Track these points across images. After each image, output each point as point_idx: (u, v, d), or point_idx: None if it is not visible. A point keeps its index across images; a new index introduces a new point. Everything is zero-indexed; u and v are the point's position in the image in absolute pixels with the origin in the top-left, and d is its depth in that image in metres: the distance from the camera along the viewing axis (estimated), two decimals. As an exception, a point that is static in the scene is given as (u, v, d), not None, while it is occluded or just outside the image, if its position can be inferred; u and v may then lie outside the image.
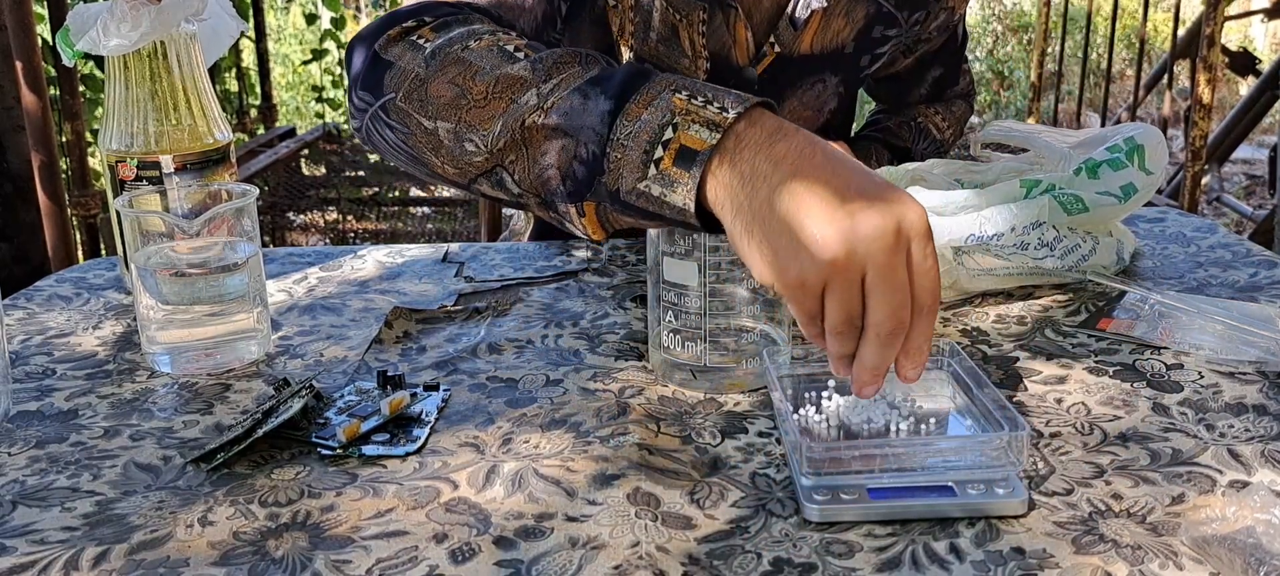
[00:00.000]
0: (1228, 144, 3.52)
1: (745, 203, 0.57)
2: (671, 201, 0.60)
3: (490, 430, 0.63)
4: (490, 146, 0.66)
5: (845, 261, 0.53)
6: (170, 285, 0.72)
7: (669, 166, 0.59)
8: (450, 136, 0.68)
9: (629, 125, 0.61)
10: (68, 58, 0.83)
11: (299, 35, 6.02)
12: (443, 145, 0.69)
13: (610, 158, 0.61)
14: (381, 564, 0.50)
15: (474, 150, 0.67)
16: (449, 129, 0.67)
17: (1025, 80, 5.93)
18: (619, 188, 0.61)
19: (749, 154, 0.58)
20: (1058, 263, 0.81)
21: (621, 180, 0.61)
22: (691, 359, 0.67)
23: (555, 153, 0.64)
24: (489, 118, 0.66)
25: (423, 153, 0.70)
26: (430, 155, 0.70)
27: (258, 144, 3.13)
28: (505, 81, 0.66)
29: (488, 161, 0.67)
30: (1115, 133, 0.86)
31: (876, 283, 0.54)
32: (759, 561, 0.50)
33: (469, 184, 0.71)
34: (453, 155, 0.68)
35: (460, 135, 0.67)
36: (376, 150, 0.76)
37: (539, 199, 0.67)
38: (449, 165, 0.69)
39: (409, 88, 0.70)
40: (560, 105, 0.63)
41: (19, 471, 0.59)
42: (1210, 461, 0.58)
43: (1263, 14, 3.55)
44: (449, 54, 0.69)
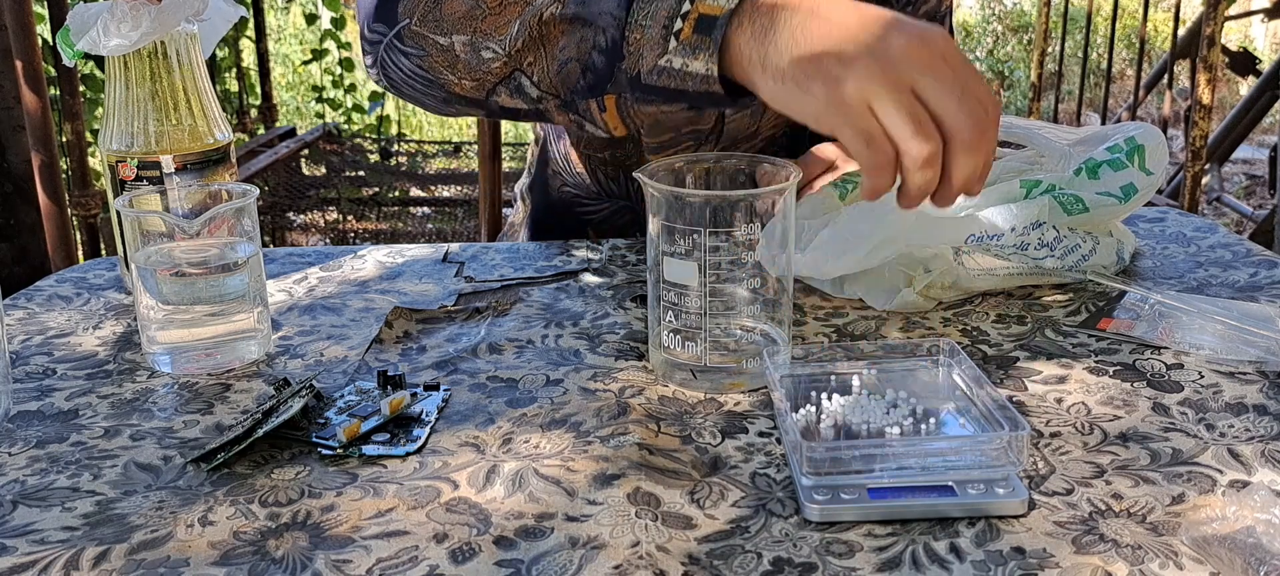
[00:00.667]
0: (1228, 144, 3.52)
1: (772, 49, 0.57)
2: (694, 71, 0.60)
3: (490, 430, 0.63)
4: (509, 49, 0.67)
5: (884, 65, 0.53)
6: (170, 285, 0.72)
7: (689, 35, 0.60)
8: (467, 48, 0.69)
9: (646, 6, 0.62)
10: (68, 58, 0.83)
11: (299, 35, 6.02)
12: (459, 59, 0.70)
13: (630, 40, 0.62)
14: (382, 564, 0.50)
15: (491, 57, 0.68)
16: (465, 41, 0.69)
17: (1025, 80, 5.93)
18: (639, 70, 0.63)
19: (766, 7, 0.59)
20: (1058, 263, 0.81)
21: (642, 60, 0.62)
22: (691, 359, 0.67)
23: (574, 44, 0.65)
24: (505, 23, 0.67)
25: (439, 71, 0.71)
26: (447, 72, 0.71)
27: (258, 144, 3.13)
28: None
29: (506, 66, 0.68)
30: (1115, 132, 0.85)
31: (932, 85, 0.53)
32: (759, 561, 0.50)
33: (487, 97, 0.71)
34: (470, 67, 0.69)
35: (477, 45, 0.68)
36: (391, 85, 0.77)
37: (558, 98, 0.68)
38: (466, 78, 0.70)
39: (423, 10, 0.70)
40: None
41: (19, 471, 0.59)
42: (1210, 461, 0.58)
43: (1263, 14, 3.55)
44: None
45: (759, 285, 0.67)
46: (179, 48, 0.82)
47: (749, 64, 0.59)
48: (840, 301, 0.83)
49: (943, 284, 0.80)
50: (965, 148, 0.54)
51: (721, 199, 0.66)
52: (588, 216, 1.11)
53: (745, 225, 0.64)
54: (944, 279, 0.80)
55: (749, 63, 0.59)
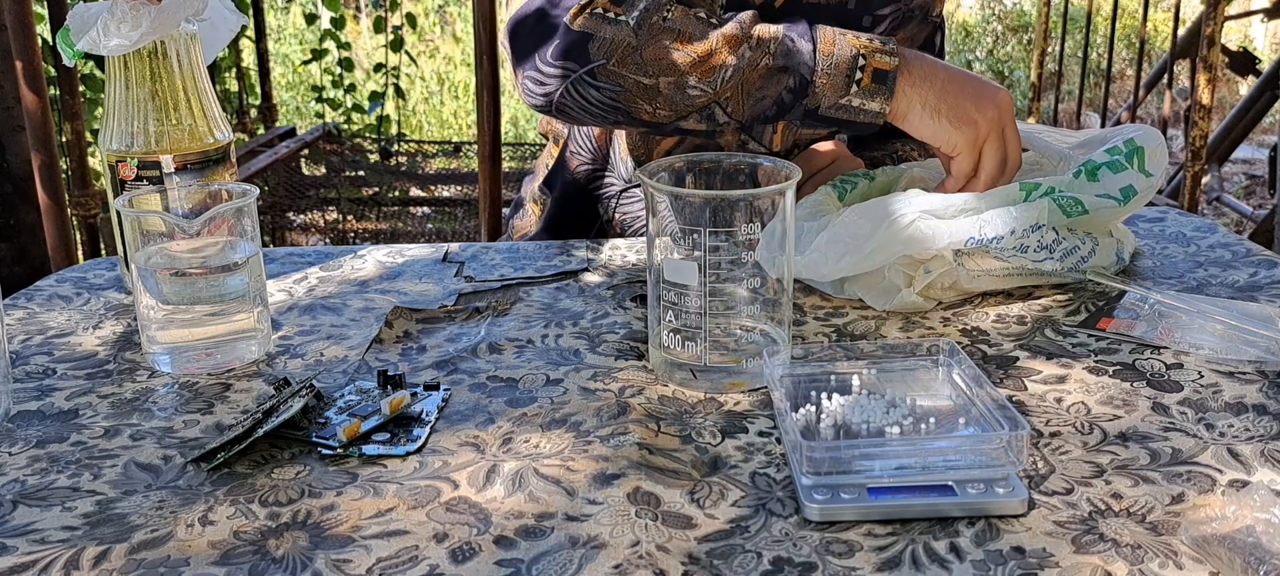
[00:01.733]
0: (1228, 144, 3.52)
1: (930, 96, 0.85)
2: (869, 108, 0.85)
3: (490, 430, 0.63)
4: (716, 88, 0.85)
5: (998, 119, 0.85)
6: (170, 285, 0.72)
7: (868, 84, 0.84)
8: (672, 87, 0.85)
9: (828, 60, 0.84)
10: (68, 58, 0.83)
11: (299, 35, 6.01)
12: (661, 94, 0.86)
13: (817, 84, 0.84)
14: (382, 563, 0.50)
15: (697, 94, 0.85)
16: (671, 82, 0.85)
17: (1025, 80, 5.93)
18: (820, 105, 0.85)
19: (914, 67, 0.85)
20: (1057, 265, 0.81)
21: (824, 98, 0.85)
22: (691, 359, 0.67)
23: (773, 86, 0.85)
24: (713, 68, 0.84)
25: (634, 103, 0.87)
26: (643, 103, 0.87)
27: (258, 144, 3.13)
28: (724, 40, 0.84)
29: (708, 100, 0.86)
30: (1115, 134, 0.85)
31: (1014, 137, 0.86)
32: (759, 561, 0.50)
33: (677, 120, 0.88)
34: (671, 100, 0.86)
35: (684, 84, 0.85)
36: (563, 110, 0.91)
37: (740, 124, 0.88)
38: (664, 109, 0.87)
39: (623, 54, 0.85)
40: (781, 50, 0.84)
41: (19, 471, 0.59)
42: (1210, 461, 0.58)
43: (1263, 14, 3.55)
44: (653, 24, 0.85)
45: (759, 285, 0.67)
46: (179, 48, 0.82)
47: (908, 104, 0.85)
48: (840, 301, 0.83)
49: (942, 284, 0.80)
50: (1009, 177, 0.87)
51: (721, 199, 0.66)
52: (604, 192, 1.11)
53: (745, 225, 0.64)
54: (944, 280, 0.80)
55: (908, 104, 0.85)
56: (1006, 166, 0.86)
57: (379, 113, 3.65)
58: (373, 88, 3.63)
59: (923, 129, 0.85)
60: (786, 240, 0.66)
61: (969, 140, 0.84)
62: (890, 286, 0.80)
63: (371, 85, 3.77)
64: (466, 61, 6.05)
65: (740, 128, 0.90)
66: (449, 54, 6.33)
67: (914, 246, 0.77)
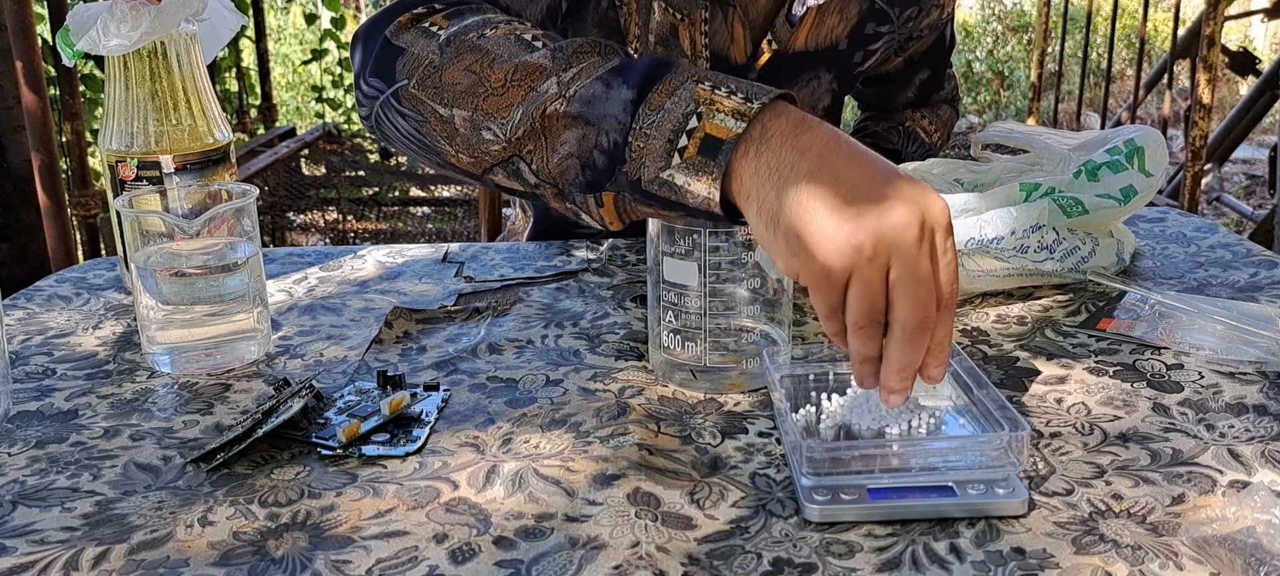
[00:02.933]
0: (1228, 144, 3.52)
1: (771, 193, 0.56)
2: (695, 190, 0.59)
3: (490, 430, 0.63)
4: (509, 135, 0.65)
5: (871, 251, 0.53)
6: (170, 285, 0.72)
7: (693, 155, 0.59)
8: (467, 125, 0.67)
9: (651, 115, 0.60)
10: (68, 58, 0.83)
11: (299, 35, 6.01)
12: (458, 133, 0.68)
13: (632, 146, 0.61)
14: (381, 564, 0.50)
15: (491, 138, 0.66)
16: (465, 117, 0.67)
17: (1025, 80, 5.93)
18: (640, 177, 0.61)
19: (775, 144, 0.57)
20: (1057, 265, 0.81)
21: (644, 169, 0.61)
22: (691, 359, 0.67)
23: (575, 141, 0.63)
24: (507, 106, 0.65)
25: (437, 141, 0.69)
26: (444, 143, 0.69)
27: (258, 144, 3.13)
28: (524, 69, 0.65)
29: (505, 150, 0.66)
30: (1115, 135, 0.85)
31: (903, 276, 0.53)
32: (759, 561, 0.50)
33: (484, 174, 0.70)
34: (469, 143, 0.68)
35: (477, 123, 0.66)
36: (386, 140, 0.75)
37: (556, 189, 0.66)
38: (464, 154, 0.69)
39: (423, 74, 0.69)
40: (582, 93, 0.63)
41: (19, 471, 0.59)
42: (1210, 461, 0.58)
43: (1263, 14, 3.55)
44: (464, 41, 0.68)
45: (759, 285, 0.67)
46: (179, 48, 0.82)
47: (744, 196, 0.58)
48: (840, 301, 0.83)
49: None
50: (904, 342, 0.54)
51: (721, 199, 0.65)
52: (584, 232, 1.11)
53: (745, 226, 0.64)
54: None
55: (744, 195, 0.58)
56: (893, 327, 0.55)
57: (379, 113, 3.64)
58: (373, 88, 3.62)
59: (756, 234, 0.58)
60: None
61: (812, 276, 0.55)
62: (890, 286, 0.80)
63: (371, 85, 3.76)
64: (466, 61, 6.03)
65: (558, 194, 0.67)
66: (449, 54, 6.32)
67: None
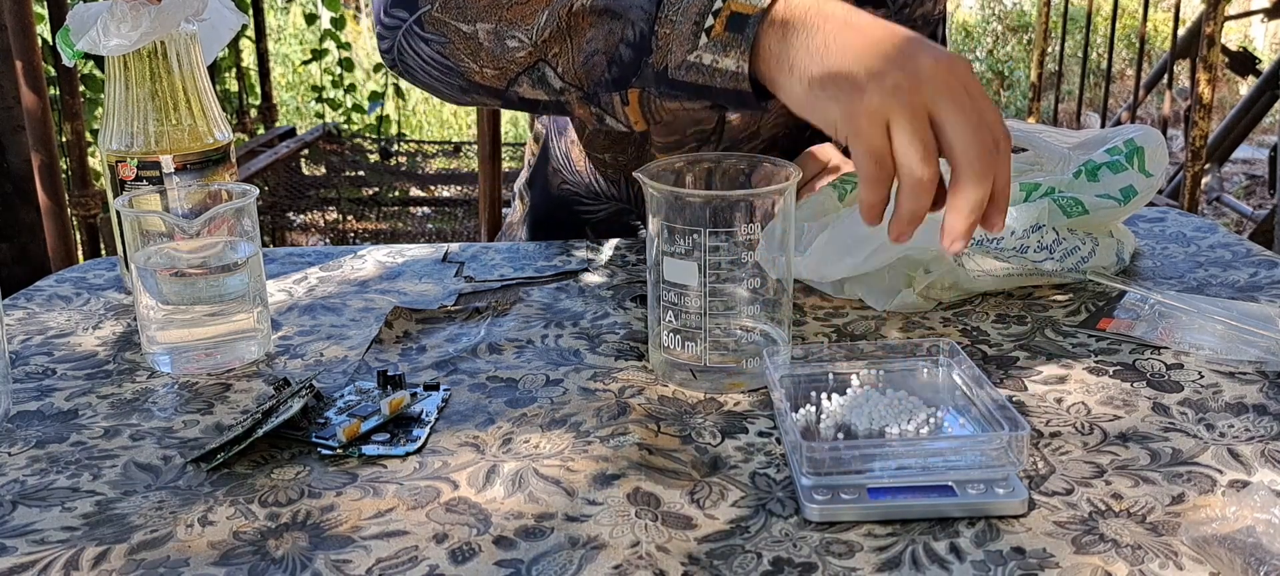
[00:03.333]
0: (1228, 144, 3.52)
1: (801, 52, 0.58)
2: (724, 67, 0.61)
3: (490, 430, 0.63)
4: (535, 38, 0.67)
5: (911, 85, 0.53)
6: (170, 285, 0.72)
7: (721, 32, 0.60)
8: (491, 37, 0.69)
9: (676, 1, 0.62)
10: (68, 58, 0.83)
11: (299, 35, 6.01)
12: (482, 47, 0.70)
13: (659, 35, 0.63)
14: (381, 564, 0.50)
15: (516, 46, 0.68)
16: (489, 29, 0.69)
17: (1025, 80, 5.93)
18: (667, 64, 0.63)
19: (799, 11, 0.59)
20: (1057, 265, 0.81)
21: (670, 55, 0.62)
22: (691, 359, 0.67)
23: (602, 37, 0.65)
24: (531, 11, 0.67)
25: (460, 59, 0.71)
26: (469, 60, 0.71)
27: (258, 144, 3.13)
28: None
29: (531, 56, 0.68)
30: (1115, 134, 0.85)
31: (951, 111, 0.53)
32: (759, 561, 0.50)
33: (508, 87, 0.71)
34: (493, 55, 0.70)
35: (501, 33, 0.68)
36: (407, 71, 0.77)
37: (581, 90, 0.68)
38: (489, 66, 0.70)
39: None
40: None
41: (19, 471, 0.59)
42: (1210, 461, 0.58)
43: (1263, 14, 3.55)
44: None
45: (759, 285, 0.67)
46: (179, 48, 0.82)
47: (777, 65, 0.59)
48: (840, 301, 0.83)
49: (943, 285, 0.80)
50: (973, 176, 0.54)
51: (721, 199, 0.66)
52: (586, 215, 1.11)
53: (745, 225, 0.64)
54: (944, 280, 0.80)
55: (777, 63, 0.59)
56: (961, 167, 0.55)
57: (379, 113, 3.65)
58: (373, 88, 3.63)
59: (792, 98, 0.60)
60: (787, 240, 0.66)
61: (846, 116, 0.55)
62: (890, 286, 0.80)
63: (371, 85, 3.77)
64: (466, 61, 6.03)
65: (583, 96, 0.69)
66: (449, 54, 6.32)
67: (914, 247, 0.77)
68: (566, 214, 1.11)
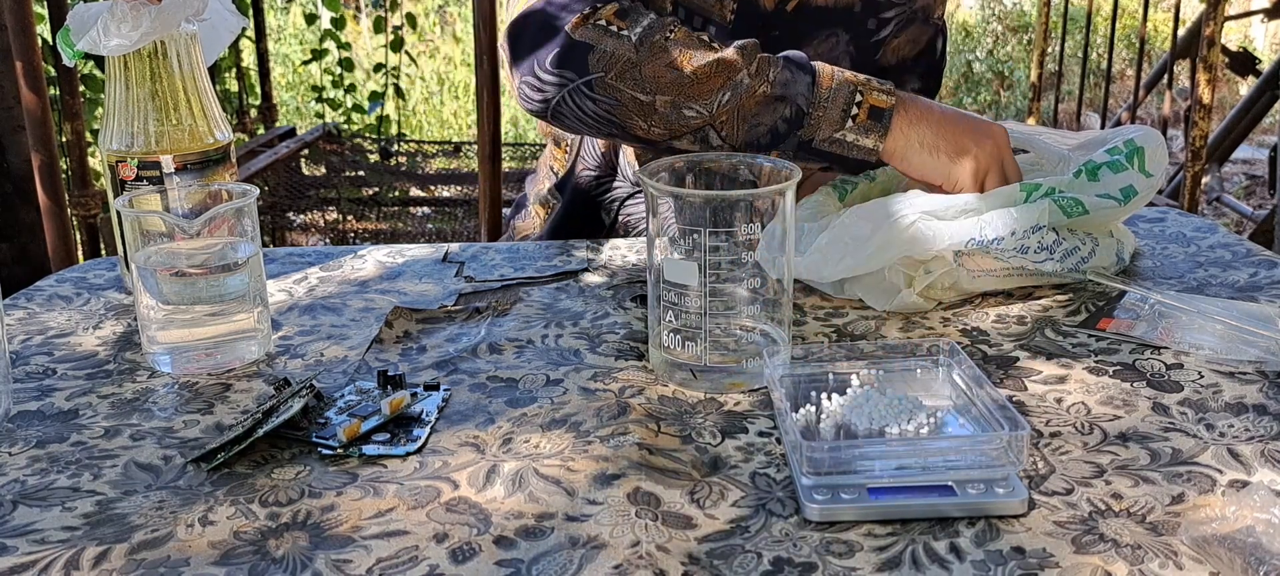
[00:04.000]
0: (1228, 144, 3.52)
1: (927, 134, 0.85)
2: (863, 145, 0.86)
3: (490, 430, 0.63)
4: (713, 111, 0.86)
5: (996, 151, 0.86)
6: (170, 285, 0.72)
7: (863, 119, 0.85)
8: (668, 106, 0.86)
9: (824, 93, 0.85)
10: (68, 58, 0.83)
11: (299, 35, 6.01)
12: (656, 113, 0.86)
13: (812, 116, 0.85)
14: (382, 563, 0.50)
15: (692, 116, 0.86)
16: (668, 100, 0.86)
17: (1025, 80, 5.92)
18: (814, 138, 0.86)
19: (911, 108, 0.86)
20: (1058, 265, 0.81)
21: (819, 131, 0.86)
22: (691, 359, 0.67)
23: (769, 115, 0.86)
24: (710, 90, 0.85)
25: (629, 118, 0.87)
26: (638, 120, 0.87)
27: (258, 144, 3.13)
28: (722, 65, 0.85)
29: (703, 122, 0.87)
30: (1115, 135, 0.85)
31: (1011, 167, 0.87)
32: (759, 561, 0.50)
33: (670, 139, 0.89)
34: (666, 120, 0.87)
35: (680, 105, 0.86)
36: (557, 118, 0.91)
37: (733, 148, 0.87)
38: (658, 127, 0.87)
39: (621, 69, 0.86)
40: (779, 79, 0.86)
41: (19, 471, 0.59)
42: (1210, 461, 0.58)
43: (1263, 14, 3.55)
44: (656, 43, 0.86)
45: (759, 285, 0.67)
46: (179, 48, 0.82)
47: (907, 143, 0.85)
48: (840, 301, 0.83)
49: (943, 285, 0.80)
50: None
51: (721, 199, 0.66)
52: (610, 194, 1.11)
53: (745, 225, 0.64)
54: (944, 280, 0.80)
55: (907, 142, 0.85)
56: None
57: (379, 113, 3.65)
58: (373, 88, 3.63)
59: (922, 167, 0.86)
60: (787, 240, 0.66)
61: (970, 173, 0.84)
62: (890, 287, 0.80)
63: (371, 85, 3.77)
64: (466, 61, 6.05)
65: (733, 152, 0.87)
66: (449, 54, 6.33)
67: (914, 247, 0.77)
68: (587, 203, 1.12)
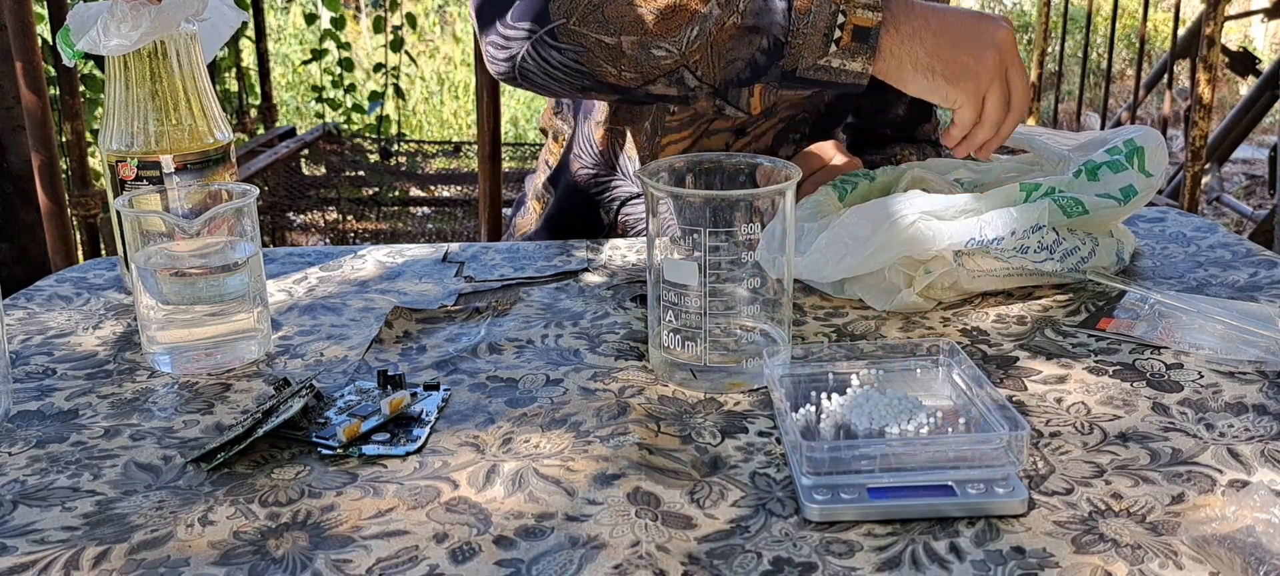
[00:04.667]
0: (1228, 144, 3.52)
1: (919, 51, 0.79)
2: (851, 69, 0.79)
3: (490, 430, 0.63)
4: (682, 48, 0.80)
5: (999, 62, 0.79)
6: (170, 285, 0.72)
7: (848, 42, 0.78)
8: (635, 46, 0.81)
9: (803, 17, 0.78)
10: (68, 58, 0.83)
11: (299, 35, 6.01)
12: (625, 55, 0.81)
13: (792, 44, 0.79)
14: (382, 563, 0.50)
15: (662, 55, 0.81)
16: (634, 40, 0.80)
17: (1025, 80, 5.91)
18: (797, 66, 0.80)
19: (902, 20, 0.79)
20: (1057, 265, 0.81)
21: (801, 59, 0.79)
22: (691, 359, 0.67)
23: (744, 46, 0.80)
24: (678, 26, 0.80)
25: (597, 65, 0.82)
26: (607, 65, 0.82)
27: (258, 144, 3.13)
28: None
29: (675, 62, 0.81)
30: (1115, 135, 0.86)
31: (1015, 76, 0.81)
32: (759, 561, 0.50)
33: (643, 85, 0.84)
34: (636, 62, 0.81)
35: (647, 44, 0.80)
36: (525, 76, 0.87)
37: (713, 88, 0.83)
38: (629, 70, 0.82)
39: (583, 12, 0.81)
40: (751, 9, 0.79)
41: (19, 471, 0.59)
42: (1210, 461, 0.58)
43: (1263, 14, 3.55)
44: None
45: (759, 285, 0.67)
46: (179, 48, 0.82)
47: (898, 64, 0.79)
48: (840, 301, 0.83)
49: (942, 285, 0.80)
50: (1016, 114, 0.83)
51: (721, 199, 0.66)
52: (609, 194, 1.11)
53: (745, 225, 0.64)
54: (944, 280, 0.80)
55: (897, 60, 0.79)
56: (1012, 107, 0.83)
57: (379, 113, 3.65)
58: (373, 88, 3.63)
59: (917, 87, 0.80)
60: (786, 240, 0.66)
61: (968, 94, 0.79)
62: (890, 287, 0.80)
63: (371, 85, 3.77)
64: (466, 61, 6.05)
65: (713, 92, 0.84)
66: (449, 54, 6.33)
67: (914, 247, 0.77)
68: (585, 201, 1.12)
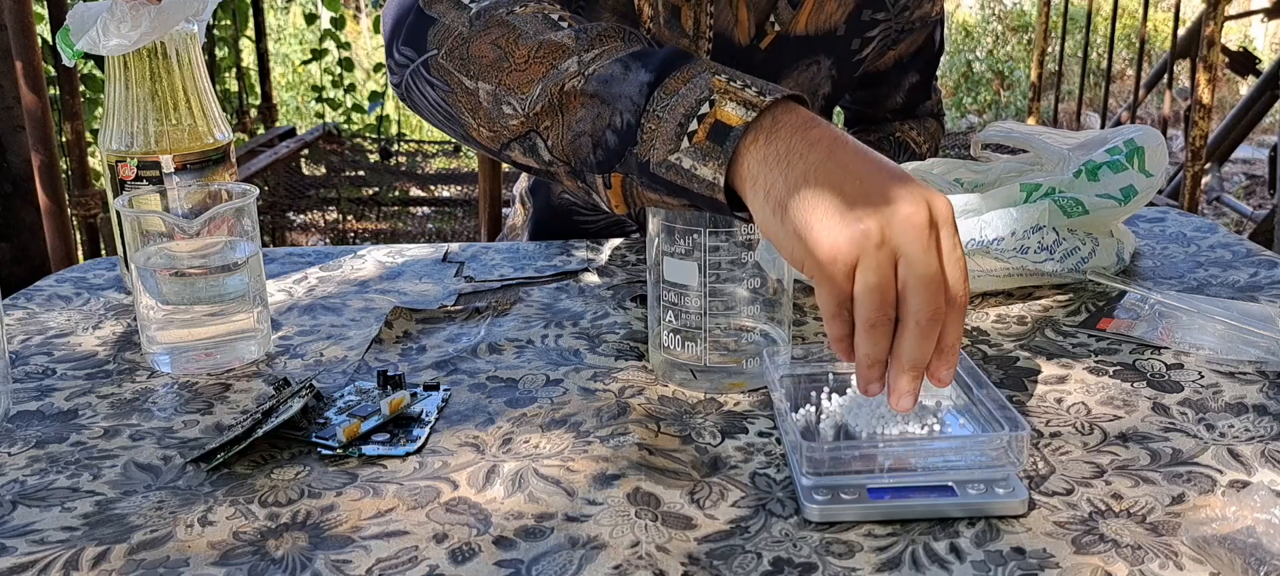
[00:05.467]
0: (1228, 144, 3.52)
1: (779, 179, 0.56)
2: (701, 175, 0.59)
3: (490, 430, 0.63)
4: (528, 110, 0.67)
5: (879, 238, 0.53)
6: (170, 285, 0.72)
7: (702, 140, 0.59)
8: (490, 98, 0.68)
9: (666, 99, 0.61)
10: (68, 58, 0.83)
11: (299, 35, 6.02)
12: (481, 106, 0.69)
13: (645, 128, 0.62)
14: (381, 564, 0.50)
15: (511, 113, 0.67)
16: (489, 91, 0.68)
17: (1025, 80, 5.93)
18: (650, 159, 0.62)
19: (785, 134, 0.58)
20: (1058, 266, 0.81)
21: (653, 151, 0.61)
22: (691, 359, 0.67)
23: (590, 120, 0.64)
24: (528, 82, 0.66)
25: (461, 112, 0.71)
26: (468, 116, 0.70)
27: (258, 144, 3.13)
28: (548, 47, 0.66)
29: (523, 126, 0.67)
30: (1115, 135, 0.86)
31: (913, 267, 0.53)
32: (759, 561, 0.50)
33: (501, 149, 0.71)
34: (490, 117, 0.69)
35: (499, 98, 0.68)
36: (414, 108, 0.76)
37: (568, 167, 0.67)
38: (485, 127, 0.70)
39: (452, 45, 0.70)
40: (600, 73, 0.64)
41: (19, 471, 0.59)
42: (1210, 461, 0.58)
43: (1263, 14, 3.55)
44: (494, 16, 0.69)
45: (759, 285, 0.67)
46: (179, 48, 0.82)
47: (752, 182, 0.58)
48: (840, 301, 0.83)
49: (943, 284, 0.80)
50: (915, 331, 0.54)
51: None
52: (586, 226, 1.11)
53: (745, 225, 0.64)
54: (944, 279, 0.80)
55: (752, 181, 0.58)
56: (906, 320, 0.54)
57: (379, 113, 3.65)
58: (373, 88, 3.63)
59: (762, 225, 0.58)
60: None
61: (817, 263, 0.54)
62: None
63: (371, 85, 3.77)
64: (466, 61, 6.04)
65: (571, 172, 0.68)
66: (449, 54, 6.32)
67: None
68: (567, 222, 1.12)
